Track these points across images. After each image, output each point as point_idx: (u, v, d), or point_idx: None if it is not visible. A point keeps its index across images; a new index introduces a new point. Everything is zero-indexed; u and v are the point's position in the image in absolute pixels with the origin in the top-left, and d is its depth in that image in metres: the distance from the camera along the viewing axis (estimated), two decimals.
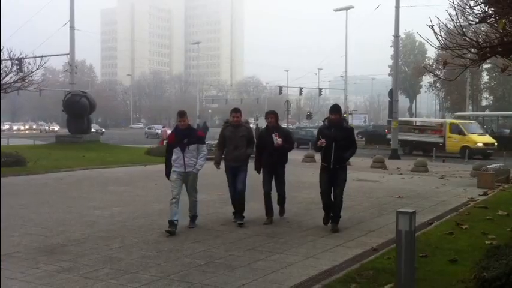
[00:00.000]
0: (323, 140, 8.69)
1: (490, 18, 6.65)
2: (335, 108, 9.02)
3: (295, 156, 25.84)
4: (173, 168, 8.76)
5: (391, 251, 6.87)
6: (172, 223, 8.46)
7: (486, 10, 6.61)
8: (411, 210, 4.92)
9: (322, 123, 9.40)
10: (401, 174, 19.75)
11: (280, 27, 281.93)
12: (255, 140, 9.88)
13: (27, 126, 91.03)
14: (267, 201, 9.52)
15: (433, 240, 7.85)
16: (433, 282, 5.72)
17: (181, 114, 8.92)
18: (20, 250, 7.44)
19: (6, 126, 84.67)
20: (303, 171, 19.44)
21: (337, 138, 8.69)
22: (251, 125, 12.07)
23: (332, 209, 8.97)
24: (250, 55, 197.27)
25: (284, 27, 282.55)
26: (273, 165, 9.52)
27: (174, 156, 8.75)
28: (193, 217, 9.21)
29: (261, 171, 9.64)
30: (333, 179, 8.86)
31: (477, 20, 6.77)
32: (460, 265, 6.41)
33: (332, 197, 8.95)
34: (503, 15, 6.26)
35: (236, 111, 9.58)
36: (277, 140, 9.22)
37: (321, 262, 6.84)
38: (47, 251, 7.42)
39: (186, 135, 8.74)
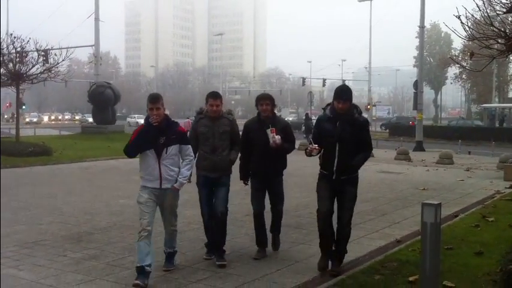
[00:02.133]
0: (314, 146, 5.88)
1: None
2: (343, 92, 5.93)
3: None
4: (142, 183, 5.86)
5: (415, 243, 6.84)
6: (142, 270, 5.51)
7: None
8: (436, 202, 4.87)
9: (323, 111, 6.38)
10: (426, 166, 19.57)
11: (303, 18, 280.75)
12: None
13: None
14: (258, 224, 6.80)
15: (459, 232, 7.78)
16: (458, 274, 5.68)
17: (154, 100, 5.75)
18: (47, 238, 7.59)
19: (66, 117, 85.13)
20: None
21: (344, 137, 5.89)
22: None
23: (336, 241, 6.25)
24: (273, 47, 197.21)
25: (307, 18, 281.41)
26: (266, 173, 6.67)
27: (143, 165, 5.85)
28: (170, 254, 6.21)
29: (249, 182, 6.88)
30: (337, 196, 6.13)
31: (504, 10, 6.66)
32: (486, 258, 6.36)
33: (336, 223, 6.26)
34: None
35: (215, 96, 6.47)
36: (275, 137, 6.32)
37: None
38: (74, 239, 7.56)
39: (162, 131, 5.71)
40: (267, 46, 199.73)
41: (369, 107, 60.21)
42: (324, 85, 77.02)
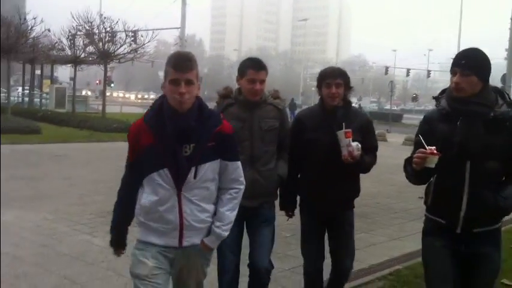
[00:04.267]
0: (430, 148, 3.00)
1: None
2: (465, 56, 3.14)
3: (393, 139, 25.30)
4: (142, 237, 3.10)
5: None
6: None
7: None
8: None
9: (435, 103, 3.32)
10: None
11: (390, 4, 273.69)
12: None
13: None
14: None
15: None
16: None
17: (183, 64, 2.84)
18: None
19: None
20: (404, 155, 19.02)
21: (477, 150, 3.06)
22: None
23: None
24: (358, 34, 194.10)
25: (394, 5, 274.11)
26: (328, 204, 3.99)
27: (147, 197, 2.98)
28: None
29: (296, 214, 4.25)
30: (464, 266, 3.23)
31: None
32: None
33: None
34: None
35: (257, 66, 3.93)
36: (351, 144, 3.71)
37: (405, 244, 6.82)
38: None
39: (189, 131, 2.87)
40: (352, 33, 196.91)
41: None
42: (407, 75, 75.04)
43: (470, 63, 3.09)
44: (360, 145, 3.74)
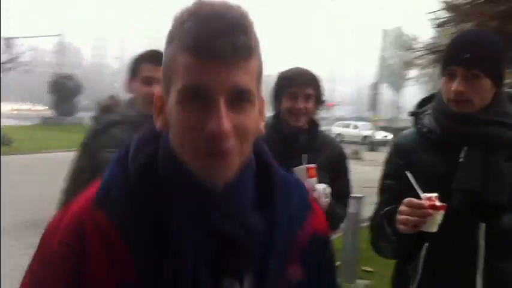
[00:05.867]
0: (431, 198, 1.62)
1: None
2: (474, 49, 1.79)
3: None
4: None
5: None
6: None
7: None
8: (360, 195, 5.61)
9: (413, 123, 2.05)
10: (376, 165, 20.25)
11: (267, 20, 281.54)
12: None
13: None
14: None
15: None
16: (377, 260, 6.34)
17: (225, 44, 0.88)
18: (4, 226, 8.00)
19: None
20: None
21: (501, 203, 1.76)
22: None
23: None
24: None
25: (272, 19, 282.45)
26: None
27: None
28: None
29: None
30: None
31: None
32: None
33: None
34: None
35: (156, 59, 2.37)
36: (317, 189, 2.47)
37: None
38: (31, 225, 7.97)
39: (248, 237, 0.94)
40: None
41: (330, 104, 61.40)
42: None
43: (479, 57, 1.81)
44: (328, 189, 2.53)
